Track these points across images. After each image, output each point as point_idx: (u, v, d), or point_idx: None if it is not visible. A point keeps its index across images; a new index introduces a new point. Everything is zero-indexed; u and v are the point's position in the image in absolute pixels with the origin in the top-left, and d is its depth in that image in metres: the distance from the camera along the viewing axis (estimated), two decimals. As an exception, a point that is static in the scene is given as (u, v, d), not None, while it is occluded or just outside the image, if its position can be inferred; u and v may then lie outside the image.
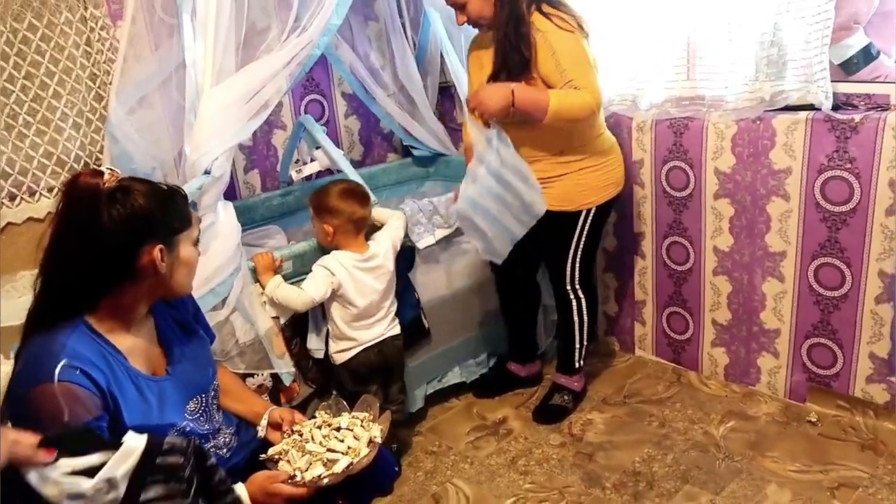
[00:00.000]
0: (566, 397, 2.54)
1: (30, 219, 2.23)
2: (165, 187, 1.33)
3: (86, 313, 1.28)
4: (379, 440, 1.46)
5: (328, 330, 2.20)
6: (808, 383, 2.38)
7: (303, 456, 1.41)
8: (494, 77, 2.18)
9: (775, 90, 2.17)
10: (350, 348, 2.17)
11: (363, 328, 2.17)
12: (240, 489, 1.30)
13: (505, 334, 2.71)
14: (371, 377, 2.21)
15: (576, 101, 2.08)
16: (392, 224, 2.26)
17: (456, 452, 2.38)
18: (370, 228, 2.23)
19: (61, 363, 1.17)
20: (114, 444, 0.98)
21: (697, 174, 2.42)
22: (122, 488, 0.95)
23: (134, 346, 1.33)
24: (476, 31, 2.29)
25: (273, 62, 2.07)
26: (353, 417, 1.52)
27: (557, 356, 2.59)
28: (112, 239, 1.23)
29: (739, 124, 2.27)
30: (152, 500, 0.97)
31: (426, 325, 2.44)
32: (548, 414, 2.51)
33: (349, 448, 1.42)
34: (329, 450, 1.42)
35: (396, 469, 2.26)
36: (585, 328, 2.47)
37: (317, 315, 2.22)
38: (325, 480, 1.36)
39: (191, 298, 1.55)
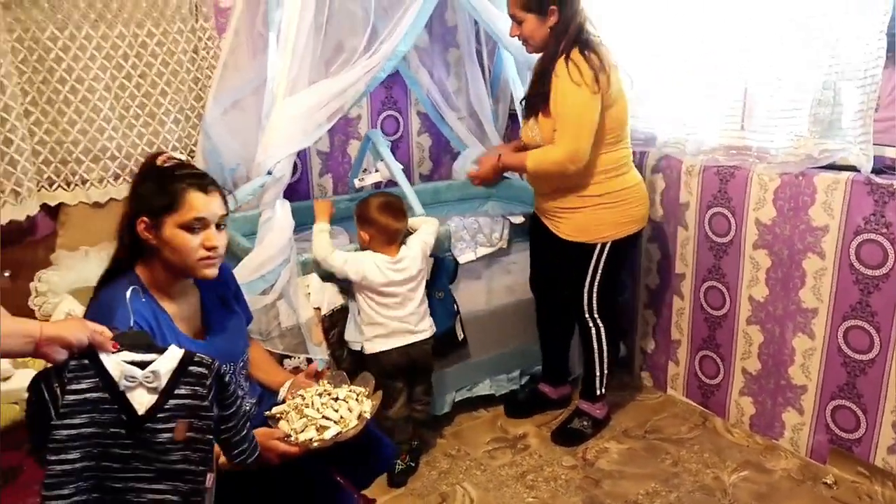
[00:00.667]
0: (586, 423, 2.61)
1: (128, 196, 2.58)
2: (176, 173, 1.50)
3: (139, 277, 1.53)
4: (368, 416, 1.60)
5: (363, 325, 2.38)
6: (829, 445, 2.35)
7: (300, 419, 1.58)
8: (527, 101, 2.37)
9: (820, 148, 2.19)
10: (380, 336, 2.31)
11: (393, 320, 2.31)
12: None
13: (539, 355, 2.81)
14: (396, 374, 2.37)
15: (546, 160, 2.28)
16: (423, 229, 2.41)
17: (472, 459, 2.51)
18: (406, 232, 2.40)
19: (116, 314, 1.41)
20: (161, 349, 1.29)
21: (739, 222, 2.45)
22: (163, 382, 1.26)
23: (178, 311, 1.58)
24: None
25: (341, 80, 2.31)
26: (350, 390, 1.67)
27: (582, 382, 2.68)
28: (129, 210, 1.50)
29: (783, 178, 2.30)
30: (183, 395, 1.27)
31: (459, 337, 2.58)
32: (565, 436, 2.59)
33: (341, 418, 1.58)
34: (324, 416, 1.58)
35: (413, 465, 2.44)
36: (606, 357, 2.54)
37: (356, 312, 2.42)
38: (315, 444, 1.53)
39: (233, 279, 1.79)
